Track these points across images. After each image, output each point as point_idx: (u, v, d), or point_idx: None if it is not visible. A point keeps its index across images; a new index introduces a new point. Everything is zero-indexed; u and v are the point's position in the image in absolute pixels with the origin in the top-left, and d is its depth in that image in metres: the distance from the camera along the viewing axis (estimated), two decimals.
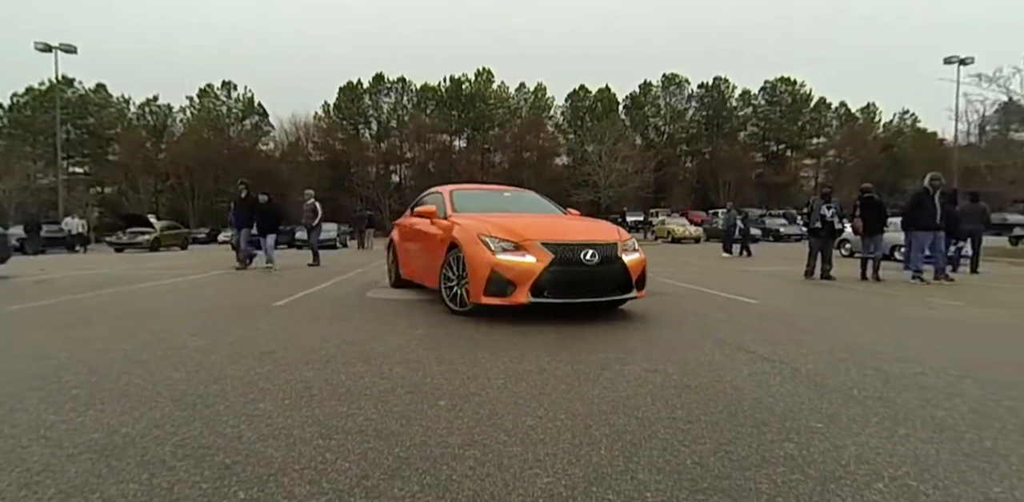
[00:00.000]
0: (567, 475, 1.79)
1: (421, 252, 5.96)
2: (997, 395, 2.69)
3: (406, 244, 6.63)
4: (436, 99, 56.39)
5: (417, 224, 6.18)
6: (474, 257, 4.57)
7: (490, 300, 4.47)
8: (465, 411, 2.39)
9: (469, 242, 4.67)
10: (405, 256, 6.65)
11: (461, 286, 4.77)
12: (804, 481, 1.75)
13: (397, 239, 6.99)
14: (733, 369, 3.13)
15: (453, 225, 5.15)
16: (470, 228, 4.83)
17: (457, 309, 4.85)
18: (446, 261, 4.98)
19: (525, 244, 4.51)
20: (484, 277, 4.46)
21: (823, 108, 55.60)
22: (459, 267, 4.79)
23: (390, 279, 7.30)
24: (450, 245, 4.97)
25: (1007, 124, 34.16)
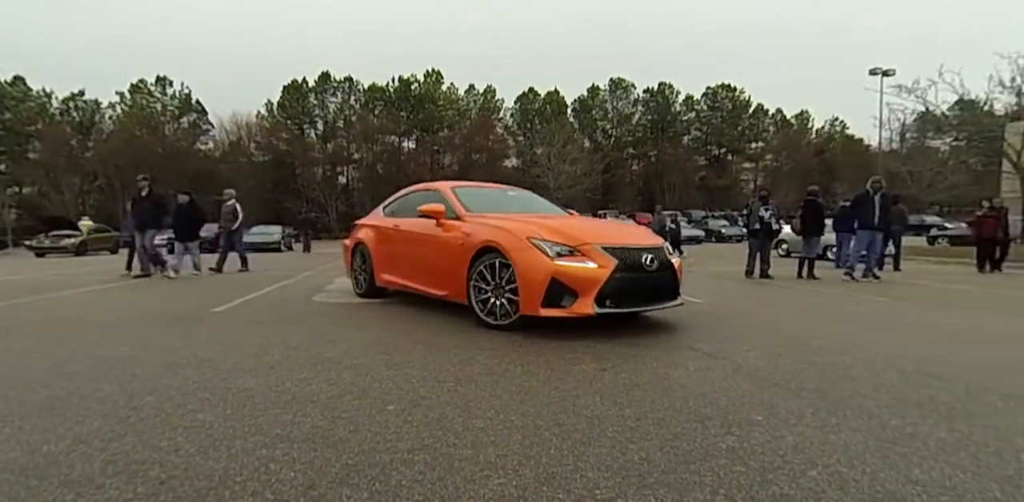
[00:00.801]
0: (518, 476, 1.79)
1: (424, 257, 5.27)
2: (917, 384, 2.88)
3: (391, 247, 5.90)
4: (384, 100, 55.57)
5: (412, 225, 5.53)
6: (528, 263, 4.04)
7: (550, 312, 3.96)
8: (414, 415, 2.36)
9: (517, 247, 4.13)
10: (388, 261, 5.93)
11: (501, 296, 4.23)
12: (745, 472, 1.82)
13: (371, 242, 6.22)
14: (679, 366, 3.22)
15: (480, 227, 4.61)
16: (516, 230, 4.28)
17: (495, 323, 4.29)
18: (475, 268, 4.42)
19: (583, 249, 4.08)
20: (543, 286, 3.94)
21: (761, 114, 58.04)
22: (497, 275, 4.25)
23: (356, 287, 6.54)
24: (481, 250, 4.42)
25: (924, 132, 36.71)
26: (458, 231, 4.81)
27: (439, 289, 5.03)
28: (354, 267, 6.58)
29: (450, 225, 4.98)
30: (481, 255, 4.43)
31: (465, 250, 4.57)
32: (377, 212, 6.65)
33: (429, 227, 5.20)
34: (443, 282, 4.93)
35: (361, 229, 6.62)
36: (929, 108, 20.81)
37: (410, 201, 6.04)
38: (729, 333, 4.20)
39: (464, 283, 4.55)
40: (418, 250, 5.39)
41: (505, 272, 4.22)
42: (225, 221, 11.13)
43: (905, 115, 25.36)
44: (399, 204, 6.34)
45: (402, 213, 6.03)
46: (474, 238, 4.55)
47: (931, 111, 22.10)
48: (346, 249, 6.81)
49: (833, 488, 1.72)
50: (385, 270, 6.00)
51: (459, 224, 4.89)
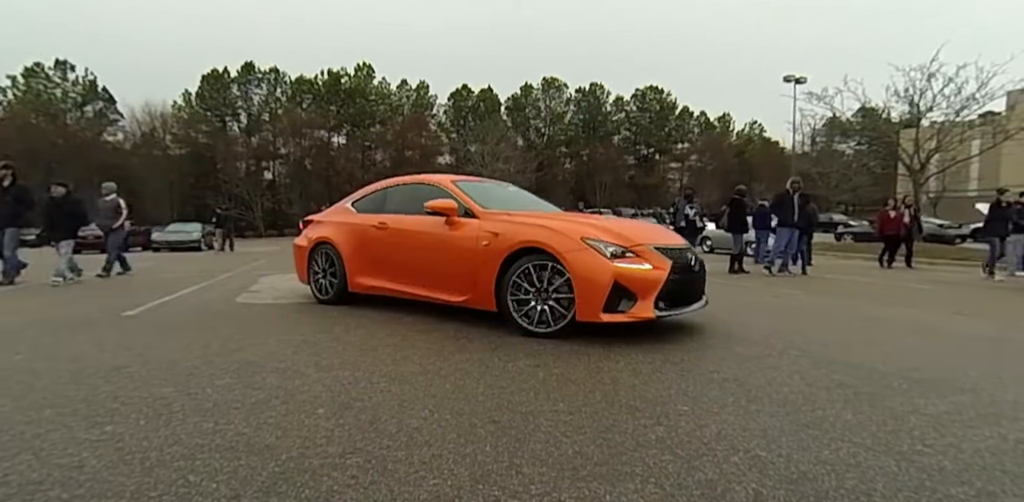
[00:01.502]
0: (453, 475, 1.78)
1: (428, 259, 4.75)
2: (827, 370, 3.09)
3: (374, 248, 5.24)
4: (313, 93, 53.67)
5: (408, 223, 5.00)
6: (586, 266, 3.77)
7: (611, 317, 3.72)
8: (346, 418, 2.30)
9: (571, 248, 3.84)
10: (370, 263, 5.28)
11: (546, 302, 3.93)
12: (673, 460, 1.90)
13: (341, 241, 5.49)
14: (610, 360, 3.31)
15: (510, 226, 4.23)
16: (567, 230, 3.98)
17: (541, 331, 3.93)
18: (511, 271, 4.04)
19: (637, 249, 3.88)
20: (605, 290, 3.70)
21: (686, 116, 60.51)
22: (541, 278, 3.95)
23: (319, 292, 5.75)
24: (518, 251, 4.06)
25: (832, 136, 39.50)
26: (477, 230, 4.36)
27: (452, 295, 4.51)
28: (314, 269, 5.80)
29: (464, 223, 4.50)
30: (518, 257, 4.06)
31: (493, 252, 4.17)
32: (342, 207, 5.93)
33: (434, 225, 4.67)
34: (458, 287, 4.46)
35: (321, 226, 5.87)
36: (836, 114, 22.41)
37: (398, 196, 5.42)
38: (657, 327, 4.34)
39: (490, 288, 4.17)
40: (419, 251, 4.83)
41: (549, 275, 3.91)
42: (104, 218, 9.54)
43: (815, 120, 27.19)
44: (379, 199, 5.60)
45: (387, 209, 5.37)
46: (507, 238, 4.14)
47: (838, 117, 23.80)
48: (299, 250, 5.99)
49: (753, 471, 1.81)
50: (364, 273, 5.32)
51: (477, 222, 4.43)
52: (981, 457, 1.95)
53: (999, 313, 5.89)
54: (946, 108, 17.99)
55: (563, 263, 3.83)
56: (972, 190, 31.62)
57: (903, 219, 12.15)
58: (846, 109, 23.58)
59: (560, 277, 3.87)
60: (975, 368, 3.22)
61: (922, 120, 18.72)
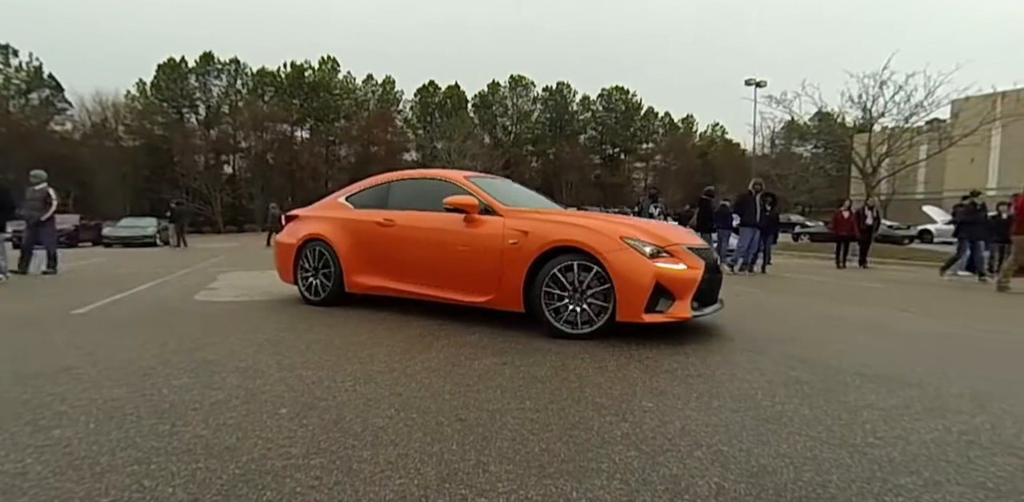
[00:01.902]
0: (419, 474, 1.77)
1: (445, 257, 4.50)
2: (786, 366, 3.19)
3: (379, 246, 4.93)
4: (276, 85, 52.41)
5: (420, 220, 4.73)
6: (628, 266, 3.71)
7: (652, 318, 3.70)
8: (310, 418, 2.25)
9: (612, 248, 3.77)
10: (373, 261, 4.95)
11: (582, 302, 3.85)
12: (638, 456, 1.92)
13: (338, 238, 5.12)
14: (576, 358, 3.33)
15: (541, 224, 4.12)
16: (605, 229, 3.92)
17: (576, 332, 3.84)
18: (544, 271, 3.92)
19: (672, 249, 3.87)
20: (648, 290, 3.67)
21: (651, 117, 61.49)
22: (578, 278, 3.84)
23: (308, 293, 5.34)
24: (551, 250, 3.94)
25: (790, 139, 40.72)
26: (502, 228, 4.20)
27: (471, 295, 4.34)
28: (304, 268, 5.38)
29: (486, 221, 4.32)
30: (551, 256, 3.94)
31: (522, 251, 4.03)
32: (334, 202, 5.54)
33: (451, 222, 4.46)
34: (479, 287, 4.29)
35: (311, 222, 5.44)
36: (794, 118, 23.08)
37: (404, 191, 5.09)
38: (622, 325, 4.40)
39: (518, 288, 4.05)
40: (433, 250, 4.59)
41: (585, 275, 3.82)
42: (31, 209, 8.70)
43: (775, 123, 27.97)
44: (379, 194, 5.23)
45: (391, 205, 5.05)
46: (539, 237, 4.01)
47: (796, 121, 24.53)
48: (285, 248, 5.54)
49: (715, 466, 1.85)
50: (364, 272, 5.00)
51: (500, 220, 4.27)
52: (927, 448, 2.04)
53: (944, 311, 6.18)
54: (896, 114, 18.75)
55: (603, 263, 3.75)
56: (919, 193, 33.09)
57: (866, 219, 12.47)
58: (804, 113, 24.31)
59: (597, 277, 3.79)
60: (922, 364, 3.37)
61: (874, 125, 19.44)
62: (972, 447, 2.06)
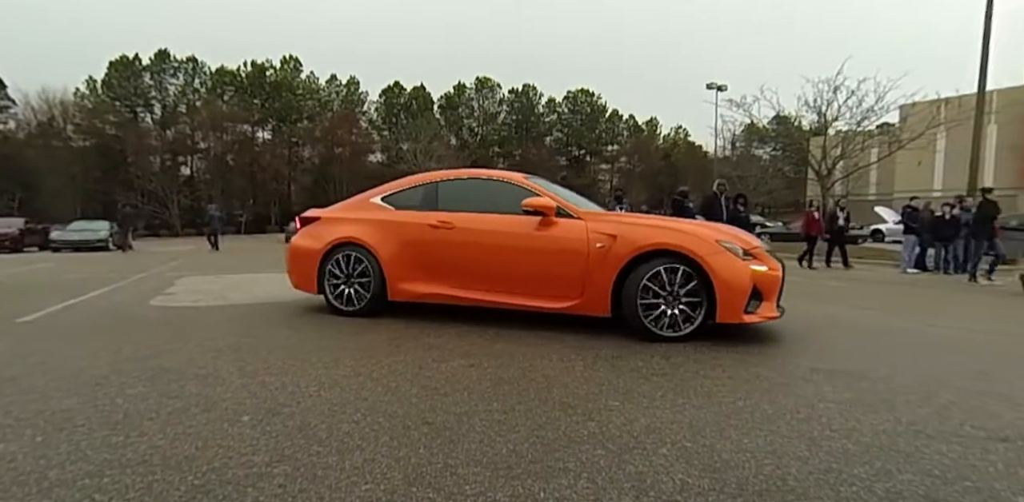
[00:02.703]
0: (386, 479, 1.75)
1: (520, 262, 4.31)
2: (747, 363, 3.27)
3: (436, 249, 4.58)
4: (235, 85, 51.11)
5: (488, 223, 4.48)
6: (729, 269, 3.78)
7: (751, 318, 3.81)
8: (273, 425, 2.20)
9: (711, 251, 3.81)
10: (427, 267, 4.60)
11: (676, 305, 3.85)
12: (604, 455, 1.94)
13: (381, 242, 4.70)
14: (543, 358, 3.35)
15: (629, 227, 4.08)
16: (699, 233, 3.98)
17: (670, 335, 3.85)
18: (637, 274, 3.88)
19: (755, 251, 3.97)
20: (747, 291, 3.78)
21: (616, 119, 62.28)
22: (673, 281, 3.83)
23: (339, 303, 4.82)
24: (644, 254, 3.90)
25: (750, 142, 41.85)
26: (584, 232, 4.11)
27: (552, 301, 4.21)
28: (333, 275, 4.84)
29: (564, 224, 4.21)
30: (643, 260, 3.90)
31: (612, 254, 3.97)
32: (365, 202, 5.07)
33: (524, 225, 4.30)
34: (561, 292, 4.18)
35: (340, 224, 4.95)
36: (754, 121, 23.73)
37: (457, 192, 4.77)
38: (593, 325, 4.44)
39: (606, 292, 3.99)
40: (506, 254, 4.37)
41: (681, 278, 3.83)
42: None
43: (735, 126, 28.70)
44: (425, 195, 4.85)
45: (441, 206, 4.70)
46: (630, 241, 3.95)
47: (755, 124, 25.22)
48: (306, 253, 4.96)
49: (680, 462, 1.89)
50: (414, 279, 4.63)
51: (581, 223, 4.18)
52: (879, 439, 2.12)
53: (897, 307, 6.44)
54: (849, 118, 19.45)
55: (704, 266, 3.77)
56: (872, 194, 34.38)
57: (838, 220, 12.73)
58: (763, 117, 25.06)
59: (692, 280, 3.80)
60: (875, 357, 3.51)
61: (829, 129, 20.14)
62: (920, 437, 2.15)
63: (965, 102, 15.19)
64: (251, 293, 6.54)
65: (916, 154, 22.80)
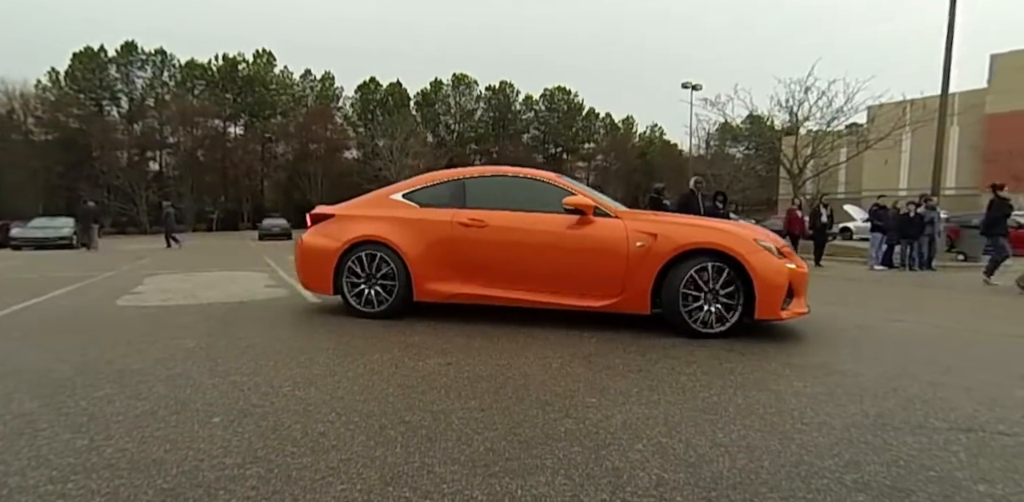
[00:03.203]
0: (362, 479, 1.73)
1: (560, 261, 4.27)
2: (720, 359, 3.32)
3: (467, 248, 4.45)
4: (206, 79, 50.04)
5: (522, 221, 4.40)
6: (767, 267, 3.90)
7: (786, 314, 3.96)
8: (245, 426, 2.16)
9: (750, 250, 3.92)
10: (456, 266, 4.48)
11: (715, 302, 3.94)
12: (581, 452, 1.95)
13: (406, 240, 4.52)
14: (520, 356, 3.35)
15: (668, 226, 4.13)
16: (737, 232, 4.11)
17: (711, 332, 3.93)
18: (677, 273, 3.95)
19: (785, 251, 4.12)
20: (784, 288, 3.92)
21: (593, 117, 62.64)
22: (713, 279, 3.92)
23: (360, 304, 4.60)
24: (686, 252, 3.95)
25: (724, 141, 42.46)
26: (624, 230, 4.14)
27: (591, 300, 4.21)
28: (353, 274, 4.61)
29: (602, 223, 4.22)
30: (683, 259, 3.96)
31: (653, 253, 4.01)
32: (385, 199, 4.87)
33: (561, 224, 4.29)
34: (601, 291, 4.19)
35: (360, 222, 4.72)
36: (727, 120, 24.08)
37: (487, 189, 4.67)
38: (568, 320, 4.45)
39: (646, 290, 4.04)
40: (545, 253, 4.33)
41: (721, 276, 3.91)
42: None
43: (709, 125, 29.07)
44: (451, 191, 4.70)
45: (469, 204, 4.59)
46: (671, 240, 4.00)
47: (729, 123, 25.60)
48: (322, 252, 4.70)
49: (656, 458, 1.91)
50: (444, 278, 4.50)
51: (619, 222, 4.20)
52: (848, 431, 2.18)
53: (865, 303, 6.60)
54: (820, 118, 19.86)
55: (745, 264, 3.86)
56: (841, 193, 35.17)
57: (821, 218, 12.86)
58: (736, 116, 25.44)
59: (731, 278, 3.90)
60: (844, 352, 3.59)
61: (800, 128, 20.54)
62: (886, 429, 2.21)
63: (929, 104, 15.65)
64: (224, 292, 6.41)
65: (883, 154, 23.41)
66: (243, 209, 50.39)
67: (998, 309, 6.23)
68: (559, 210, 4.28)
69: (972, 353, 3.74)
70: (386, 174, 37.52)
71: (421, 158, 39.73)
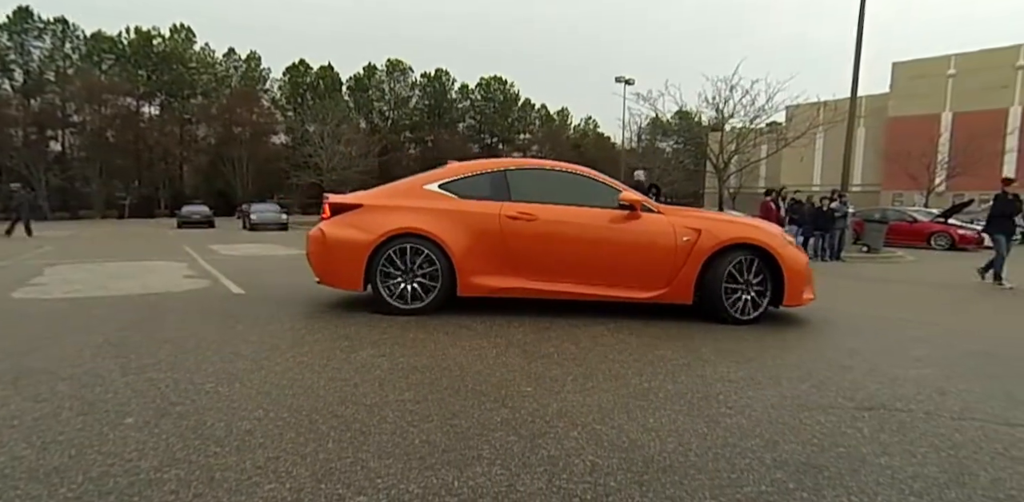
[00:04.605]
0: (292, 477, 1.66)
1: (612, 254, 4.36)
2: (651, 346, 3.43)
3: (518, 243, 4.37)
4: (116, 53, 46.26)
5: (573, 215, 4.42)
6: (794, 258, 4.39)
7: (805, 300, 4.44)
8: (162, 426, 2.03)
9: (781, 243, 4.39)
10: (506, 259, 4.39)
11: (749, 292, 4.30)
12: (517, 441, 1.96)
13: (452, 234, 4.35)
14: (456, 346, 3.33)
15: (710, 222, 4.41)
16: (768, 227, 4.64)
17: (745, 319, 4.27)
18: (720, 266, 4.23)
19: (793, 244, 4.62)
20: (806, 279, 4.44)
21: (528, 108, 62.84)
22: (747, 271, 4.29)
23: (395, 300, 4.33)
24: (727, 247, 4.24)
25: (655, 135, 43.81)
26: (669, 225, 4.34)
27: (640, 291, 4.36)
28: (388, 270, 4.33)
29: (649, 218, 4.38)
30: (724, 253, 4.25)
31: (698, 247, 4.25)
32: (420, 190, 4.64)
33: (610, 218, 4.39)
34: (650, 283, 4.36)
35: (396, 213, 4.44)
36: (658, 115, 24.84)
37: (530, 182, 4.65)
38: (503, 310, 4.46)
39: (691, 282, 4.29)
40: (597, 247, 4.40)
41: (752, 268, 4.28)
42: None
43: (641, 119, 29.87)
44: (492, 183, 4.59)
45: (514, 197, 4.51)
46: (713, 235, 4.27)
47: (660, 118, 26.41)
48: (352, 245, 4.35)
49: (591, 444, 1.95)
50: (489, 272, 4.39)
51: (664, 218, 4.39)
52: (768, 413, 2.30)
53: None
54: (743, 116, 20.84)
55: (777, 257, 4.26)
56: (761, 187, 37.12)
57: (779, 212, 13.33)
58: (667, 111, 26.30)
59: (762, 269, 4.29)
60: (766, 339, 3.80)
61: (725, 125, 21.46)
62: (802, 410, 2.36)
63: (840, 106, 16.70)
64: (139, 283, 5.99)
65: (800, 151, 24.86)
66: (159, 195, 47.24)
67: (904, 296, 6.78)
68: (599, 204, 4.45)
69: (879, 337, 4.05)
70: (316, 160, 36.21)
71: (353, 145, 38.54)
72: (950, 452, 1.96)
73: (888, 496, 1.64)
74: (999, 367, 3.18)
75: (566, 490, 1.63)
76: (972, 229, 15.70)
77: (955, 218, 15.88)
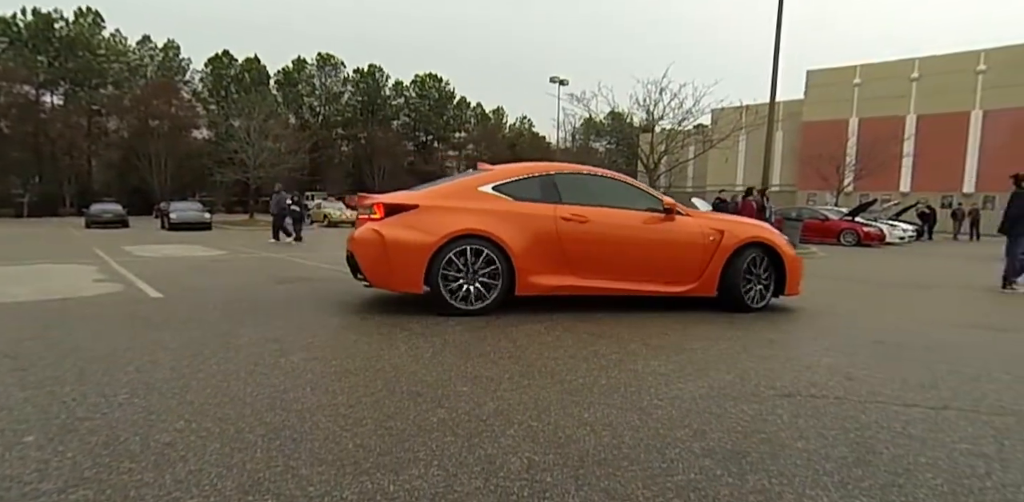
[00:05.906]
0: (216, 490, 1.58)
1: (654, 253, 4.83)
2: (587, 342, 3.50)
3: (572, 245, 4.58)
4: (10, 36, 42.31)
5: (620, 218, 4.79)
6: (794, 256, 5.10)
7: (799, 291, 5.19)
8: (68, 444, 1.87)
9: (783, 243, 5.09)
10: (558, 260, 4.56)
11: (759, 284, 4.96)
12: (454, 441, 1.95)
13: (513, 236, 4.42)
14: (390, 347, 3.27)
15: (731, 224, 5.06)
16: (774, 230, 5.34)
17: (757, 307, 4.91)
18: (739, 262, 4.83)
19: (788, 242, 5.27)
20: (801, 272, 5.19)
21: (464, 106, 62.60)
22: (759, 265, 4.94)
23: (457, 302, 4.33)
24: (745, 245, 4.86)
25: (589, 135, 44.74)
26: (698, 226, 4.87)
27: (675, 286, 4.86)
28: (448, 272, 4.31)
29: (682, 220, 4.89)
30: (742, 251, 4.84)
31: (722, 246, 4.81)
32: (473, 191, 4.67)
33: (650, 220, 4.85)
34: (685, 278, 4.87)
35: (455, 215, 4.43)
36: (592, 116, 25.38)
37: (577, 185, 4.89)
38: (436, 311, 4.42)
39: (716, 276, 4.84)
40: (641, 247, 4.82)
41: (762, 263, 4.94)
42: None
43: (575, 119, 30.41)
44: (543, 186, 4.74)
45: (565, 200, 4.70)
46: (733, 235, 4.86)
47: (593, 118, 26.99)
48: (410, 247, 4.28)
49: (527, 442, 1.96)
50: (545, 272, 4.54)
51: (693, 220, 4.94)
52: (696, 404, 2.40)
53: None
54: (672, 118, 21.63)
55: (782, 254, 4.98)
56: (689, 187, 38.71)
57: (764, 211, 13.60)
58: (600, 112, 26.88)
59: (769, 264, 4.96)
60: (693, 332, 3.96)
61: (655, 126, 22.21)
62: (727, 399, 2.47)
63: (762, 110, 17.64)
64: (38, 288, 5.52)
65: (724, 153, 26.12)
66: (64, 192, 43.66)
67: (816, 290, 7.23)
68: (636, 207, 4.88)
69: (798, 327, 4.31)
70: (242, 157, 34.63)
71: (282, 141, 37.04)
72: (857, 433, 2.11)
73: (804, 477, 1.74)
74: (893, 354, 3.46)
75: (503, 488, 1.63)
76: (876, 226, 17.03)
77: (861, 216, 17.24)
